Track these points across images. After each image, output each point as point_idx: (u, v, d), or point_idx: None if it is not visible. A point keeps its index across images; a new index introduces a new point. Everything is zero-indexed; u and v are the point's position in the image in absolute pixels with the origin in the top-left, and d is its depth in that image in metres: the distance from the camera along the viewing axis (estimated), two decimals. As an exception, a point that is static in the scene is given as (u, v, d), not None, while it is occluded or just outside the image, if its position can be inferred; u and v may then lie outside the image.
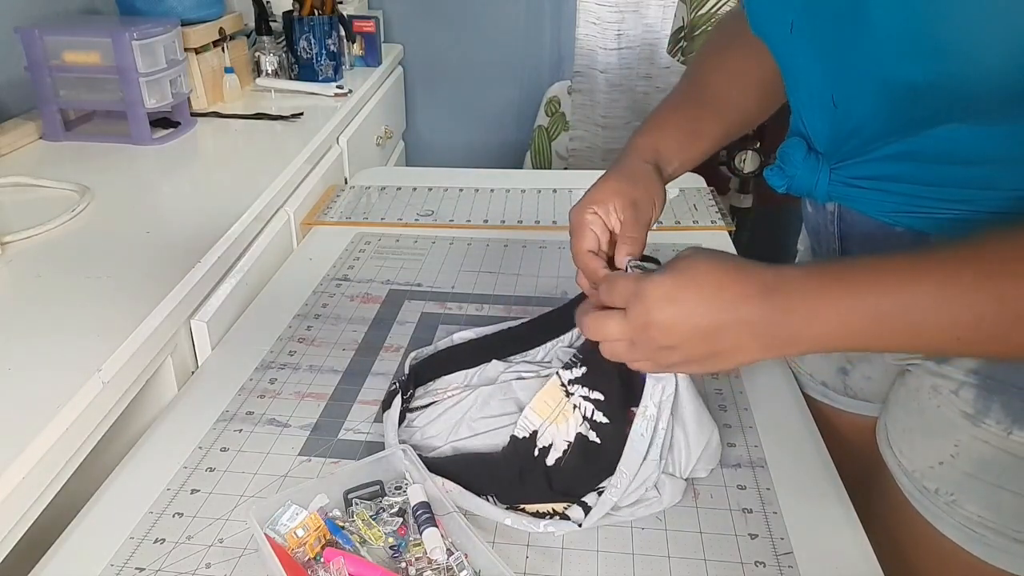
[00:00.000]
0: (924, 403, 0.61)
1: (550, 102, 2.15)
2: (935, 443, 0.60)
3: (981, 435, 0.56)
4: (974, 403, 0.57)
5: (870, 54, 0.52)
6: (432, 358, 0.77)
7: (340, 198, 1.21)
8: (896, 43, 0.50)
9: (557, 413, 0.63)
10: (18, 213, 0.97)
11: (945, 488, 0.59)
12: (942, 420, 0.59)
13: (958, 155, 0.52)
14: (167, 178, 1.15)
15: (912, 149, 0.54)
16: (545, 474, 0.62)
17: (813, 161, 0.63)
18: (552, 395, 0.63)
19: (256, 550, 0.58)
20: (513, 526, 0.60)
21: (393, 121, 1.99)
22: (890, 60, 0.51)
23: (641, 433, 0.60)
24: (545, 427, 0.63)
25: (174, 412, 0.74)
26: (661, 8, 1.98)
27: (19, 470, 0.57)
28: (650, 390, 0.59)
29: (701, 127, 0.73)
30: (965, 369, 0.58)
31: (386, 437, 0.67)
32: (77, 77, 1.21)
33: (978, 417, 0.56)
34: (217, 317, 0.86)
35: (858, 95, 0.56)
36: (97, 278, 0.82)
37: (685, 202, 1.18)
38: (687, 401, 0.62)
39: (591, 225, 0.63)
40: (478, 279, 0.97)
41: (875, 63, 0.52)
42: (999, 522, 0.57)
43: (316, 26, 1.59)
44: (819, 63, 0.58)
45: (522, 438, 0.63)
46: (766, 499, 0.63)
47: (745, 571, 0.57)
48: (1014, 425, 0.54)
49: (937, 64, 0.47)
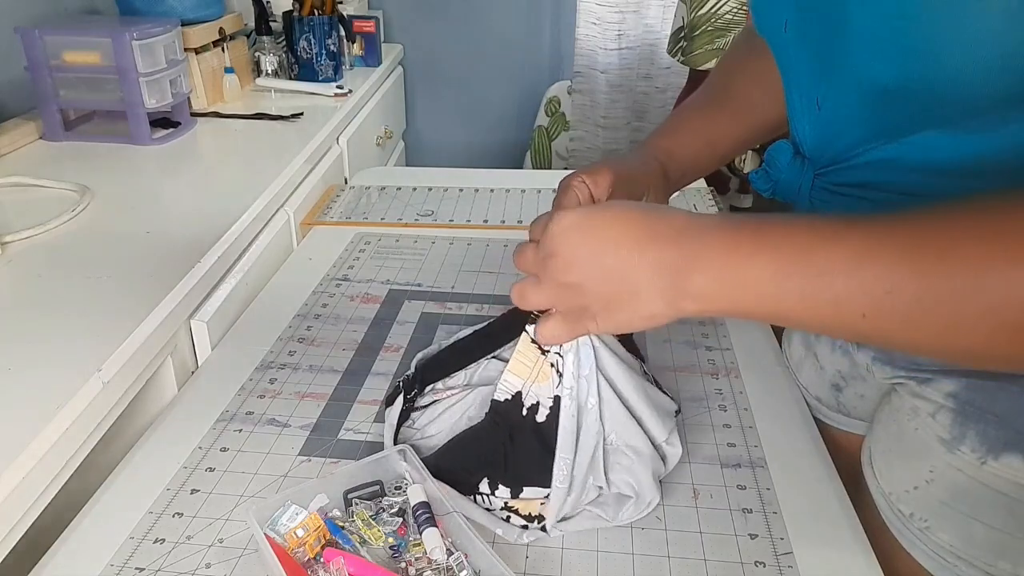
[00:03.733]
0: (903, 425, 0.59)
1: (550, 102, 2.15)
2: (912, 467, 0.57)
3: (956, 462, 0.54)
4: (950, 428, 0.54)
5: (849, 55, 0.52)
6: (436, 357, 0.76)
7: (340, 198, 1.21)
8: (870, 44, 0.49)
9: (537, 372, 0.60)
10: (18, 213, 0.97)
11: (920, 514, 0.57)
12: (919, 444, 0.57)
13: (934, 165, 0.51)
14: (167, 178, 1.15)
15: (892, 156, 0.53)
16: (535, 431, 0.60)
17: (798, 166, 0.63)
18: (527, 355, 0.60)
19: (256, 550, 0.58)
20: (504, 536, 0.59)
21: (393, 121, 1.99)
22: (866, 61, 0.50)
23: (572, 414, 0.58)
24: (528, 387, 0.60)
25: (174, 412, 0.74)
26: (661, 8, 1.98)
27: (19, 470, 0.57)
28: (570, 367, 0.58)
29: (719, 131, 0.72)
30: (944, 392, 0.55)
31: (385, 437, 0.67)
32: (77, 77, 1.21)
33: (953, 443, 0.54)
34: (217, 317, 0.86)
35: (840, 98, 0.55)
36: (97, 278, 0.82)
37: (685, 202, 1.18)
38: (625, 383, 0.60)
39: (576, 189, 0.60)
40: (478, 279, 0.97)
41: (853, 64, 0.52)
42: (971, 553, 0.54)
43: (316, 26, 1.59)
44: (807, 63, 0.58)
45: (504, 401, 0.61)
46: (766, 499, 0.63)
47: (745, 571, 0.57)
48: (988, 454, 0.52)
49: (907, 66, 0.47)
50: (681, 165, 0.69)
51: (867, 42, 0.50)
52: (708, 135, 0.72)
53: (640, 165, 0.66)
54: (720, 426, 0.71)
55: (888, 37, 0.48)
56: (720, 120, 0.73)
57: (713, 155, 0.73)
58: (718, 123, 0.73)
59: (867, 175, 0.56)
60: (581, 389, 0.58)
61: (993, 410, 0.52)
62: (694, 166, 0.71)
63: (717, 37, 1.51)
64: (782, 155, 0.64)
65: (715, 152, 0.73)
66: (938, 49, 0.45)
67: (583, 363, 0.58)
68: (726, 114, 0.73)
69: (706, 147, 0.72)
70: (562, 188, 0.61)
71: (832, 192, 0.60)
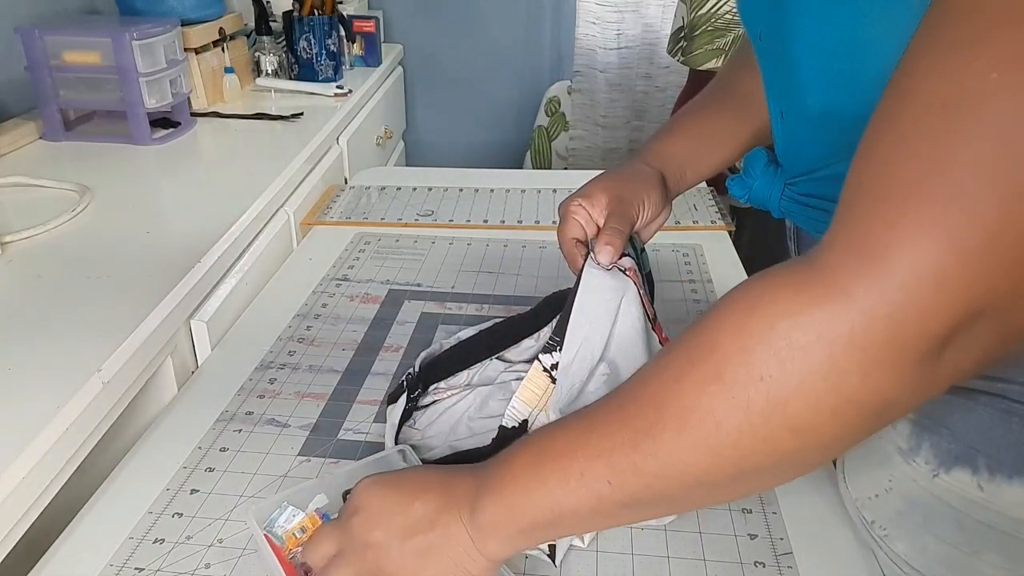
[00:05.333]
0: None
1: (550, 102, 2.15)
2: (874, 474, 0.58)
3: (911, 473, 0.54)
4: (908, 439, 0.54)
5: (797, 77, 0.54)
6: (440, 357, 0.76)
7: (340, 198, 1.21)
8: (808, 69, 0.51)
9: (545, 400, 0.61)
10: (18, 213, 0.97)
11: (880, 522, 0.57)
12: (880, 452, 0.57)
13: None
14: (167, 178, 1.15)
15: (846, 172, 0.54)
16: None
17: (771, 173, 0.64)
18: (537, 382, 0.62)
19: (255, 550, 0.58)
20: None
21: (393, 121, 1.99)
22: (806, 85, 0.52)
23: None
24: (536, 415, 0.61)
25: (174, 412, 0.74)
26: (661, 8, 1.98)
27: (19, 470, 0.57)
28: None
29: (723, 131, 0.73)
30: None
31: (387, 436, 0.67)
32: (77, 77, 1.21)
33: (910, 454, 0.54)
34: (217, 317, 0.86)
35: (796, 114, 0.57)
36: (97, 278, 0.82)
37: (685, 202, 1.18)
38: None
39: (575, 215, 0.64)
40: (478, 279, 0.97)
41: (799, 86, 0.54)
42: (924, 565, 0.54)
43: (316, 26, 1.59)
44: (774, 75, 0.60)
45: (511, 428, 0.61)
46: (766, 499, 0.63)
47: (745, 571, 0.57)
48: (940, 467, 0.52)
49: (834, 92, 0.49)
50: (679, 166, 0.70)
51: (806, 67, 0.52)
52: (707, 134, 0.72)
53: (633, 177, 0.67)
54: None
55: (819, 64, 0.50)
56: (720, 118, 0.73)
57: (715, 154, 0.73)
58: (717, 121, 0.73)
59: (828, 188, 0.57)
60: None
61: (947, 423, 0.52)
62: (694, 166, 0.71)
63: (717, 37, 1.51)
64: (757, 162, 0.65)
65: (717, 151, 0.73)
66: (860, 75, 0.46)
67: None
68: (727, 112, 0.73)
69: (705, 146, 0.72)
70: (562, 216, 0.64)
71: (799, 203, 0.61)
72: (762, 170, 0.64)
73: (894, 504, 0.56)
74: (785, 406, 0.37)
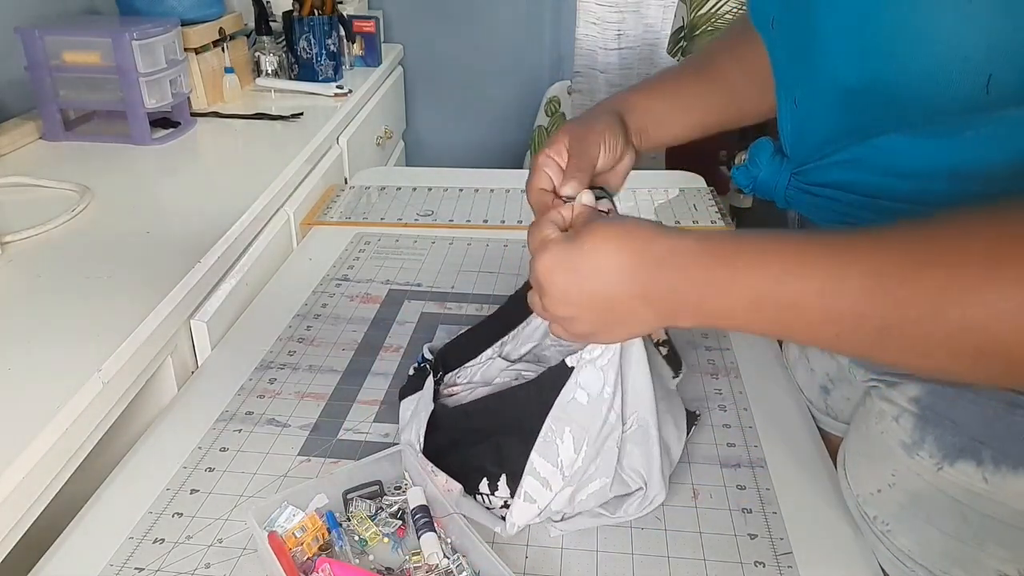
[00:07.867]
0: (871, 427, 0.59)
1: (550, 102, 2.15)
2: (876, 469, 0.58)
3: (915, 467, 0.54)
4: (911, 433, 0.54)
5: (819, 55, 0.53)
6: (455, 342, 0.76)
7: (340, 198, 1.21)
8: (836, 44, 0.51)
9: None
10: (18, 213, 0.97)
11: (882, 517, 0.57)
12: (883, 447, 0.57)
13: (895, 167, 0.51)
14: (167, 178, 1.15)
15: (857, 157, 0.54)
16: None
17: (777, 163, 0.64)
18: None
19: (255, 550, 0.58)
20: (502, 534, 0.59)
21: (393, 121, 1.99)
22: (832, 62, 0.52)
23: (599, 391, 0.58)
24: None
25: (174, 412, 0.74)
26: (661, 8, 1.98)
27: (19, 470, 0.57)
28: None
29: (694, 97, 0.73)
30: (908, 397, 0.55)
31: (401, 417, 0.68)
32: (77, 77, 1.21)
33: (914, 448, 0.54)
34: (217, 317, 0.86)
35: (814, 97, 0.56)
36: (97, 278, 0.82)
37: (685, 202, 1.18)
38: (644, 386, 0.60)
39: (544, 167, 0.63)
40: (478, 279, 0.97)
41: (823, 64, 0.53)
42: (927, 560, 0.54)
43: (316, 26, 1.59)
44: (788, 61, 0.59)
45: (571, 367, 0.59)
46: (766, 499, 0.63)
47: (744, 571, 0.57)
48: (944, 460, 0.52)
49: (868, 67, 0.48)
50: (642, 118, 0.69)
51: (833, 42, 0.51)
52: (679, 95, 0.73)
53: (593, 119, 0.66)
54: (720, 426, 0.71)
55: (851, 38, 0.49)
56: (694, 86, 0.73)
57: (681, 116, 0.73)
58: (691, 87, 0.73)
59: (836, 175, 0.57)
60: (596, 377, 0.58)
61: (951, 416, 0.52)
62: (660, 122, 0.71)
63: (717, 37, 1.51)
64: (763, 152, 0.65)
65: (687, 114, 0.73)
66: (898, 50, 0.46)
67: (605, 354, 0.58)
68: (703, 82, 0.73)
69: (672, 105, 0.72)
70: (532, 168, 0.64)
71: (805, 192, 0.61)
72: (768, 159, 0.64)
73: (897, 499, 0.56)
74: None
